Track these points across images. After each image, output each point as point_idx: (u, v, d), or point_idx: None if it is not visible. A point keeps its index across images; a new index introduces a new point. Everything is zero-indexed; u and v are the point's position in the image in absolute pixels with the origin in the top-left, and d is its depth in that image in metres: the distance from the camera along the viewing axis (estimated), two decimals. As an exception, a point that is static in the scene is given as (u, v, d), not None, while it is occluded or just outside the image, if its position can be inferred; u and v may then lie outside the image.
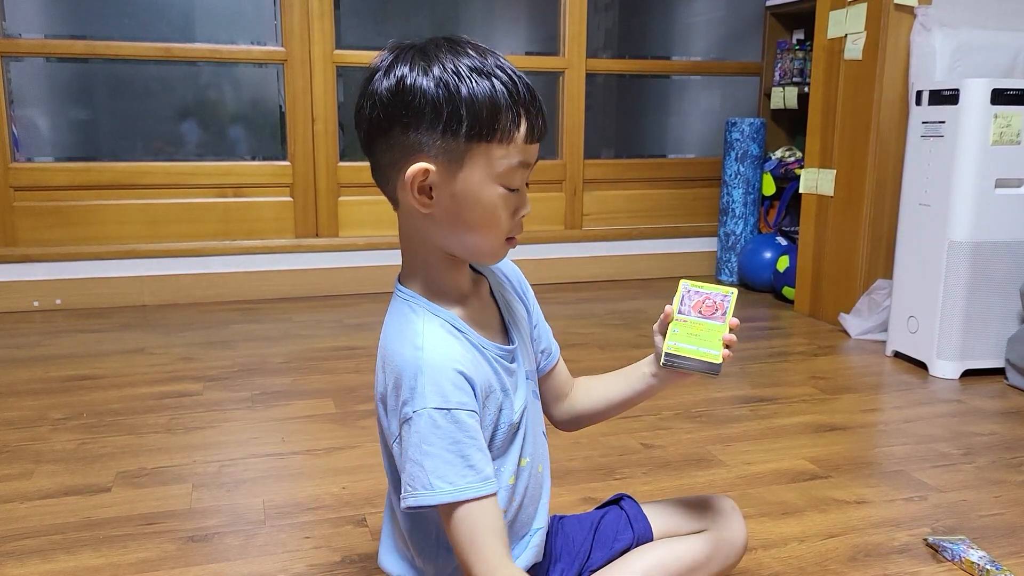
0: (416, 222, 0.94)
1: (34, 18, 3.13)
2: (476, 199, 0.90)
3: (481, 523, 0.88)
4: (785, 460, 1.83)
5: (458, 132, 0.87)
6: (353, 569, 1.37)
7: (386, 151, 0.92)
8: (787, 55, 3.74)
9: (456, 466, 0.87)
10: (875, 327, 2.81)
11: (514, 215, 0.94)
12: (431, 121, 0.87)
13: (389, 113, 0.89)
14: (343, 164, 3.44)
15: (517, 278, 1.13)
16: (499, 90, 0.88)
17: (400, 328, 0.94)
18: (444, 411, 0.87)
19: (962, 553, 1.38)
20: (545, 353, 1.14)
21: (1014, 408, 2.20)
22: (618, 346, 2.75)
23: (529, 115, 0.90)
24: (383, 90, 0.89)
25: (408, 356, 0.90)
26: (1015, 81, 2.35)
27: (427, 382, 0.88)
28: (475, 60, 0.88)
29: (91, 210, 3.20)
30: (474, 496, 0.88)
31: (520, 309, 1.09)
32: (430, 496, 0.87)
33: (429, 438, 0.87)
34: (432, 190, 0.90)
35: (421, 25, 3.59)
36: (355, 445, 1.89)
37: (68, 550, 1.42)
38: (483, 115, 0.87)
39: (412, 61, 0.89)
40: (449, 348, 0.91)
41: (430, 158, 0.89)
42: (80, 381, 2.33)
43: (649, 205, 3.89)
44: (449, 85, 0.86)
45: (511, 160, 0.90)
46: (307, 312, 3.18)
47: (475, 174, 0.89)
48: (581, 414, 1.17)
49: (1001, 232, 2.38)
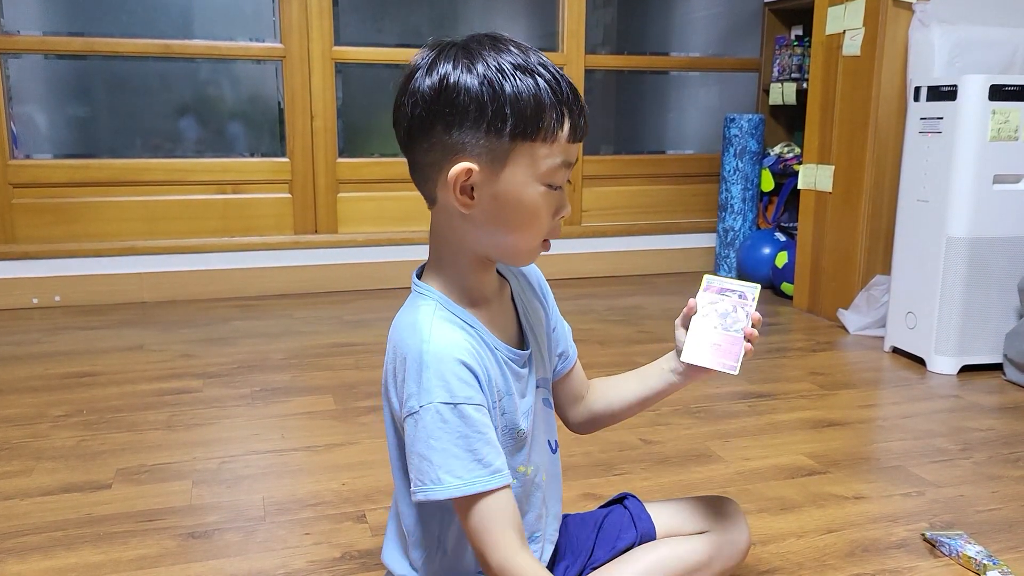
0: (453, 222, 0.93)
1: (32, 15, 3.13)
2: (518, 199, 0.90)
3: (494, 515, 0.88)
4: (783, 456, 1.83)
5: (502, 131, 0.86)
6: (353, 565, 1.37)
7: (427, 150, 0.90)
8: (786, 51, 3.74)
9: (464, 460, 0.87)
10: (873, 323, 2.82)
11: (554, 215, 0.93)
12: (475, 120, 0.86)
13: (432, 111, 0.87)
14: (342, 160, 3.44)
15: (538, 279, 1.12)
16: (543, 88, 0.87)
17: (409, 320, 0.94)
18: (450, 406, 0.87)
19: (960, 548, 1.39)
20: (563, 357, 1.14)
21: (1012, 403, 2.21)
22: (617, 342, 2.75)
23: (572, 114, 0.89)
24: (426, 88, 0.87)
25: (413, 348, 0.90)
26: (1013, 77, 2.35)
27: (432, 376, 0.88)
28: (518, 57, 0.87)
29: (90, 207, 3.20)
30: (484, 490, 0.87)
31: (539, 312, 1.09)
32: (439, 490, 0.87)
33: (436, 433, 0.87)
34: (474, 190, 0.89)
35: (420, 22, 3.59)
36: (355, 441, 1.89)
37: (69, 547, 1.42)
38: (527, 113, 0.86)
39: (455, 59, 0.87)
40: (454, 340, 0.91)
41: (473, 157, 0.88)
42: (80, 378, 2.33)
43: (648, 201, 3.89)
44: (494, 83, 0.85)
45: (554, 159, 0.89)
46: (307, 308, 3.18)
47: (518, 174, 0.88)
48: (598, 415, 1.16)
49: (999, 228, 2.38)
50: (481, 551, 0.89)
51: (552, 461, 1.07)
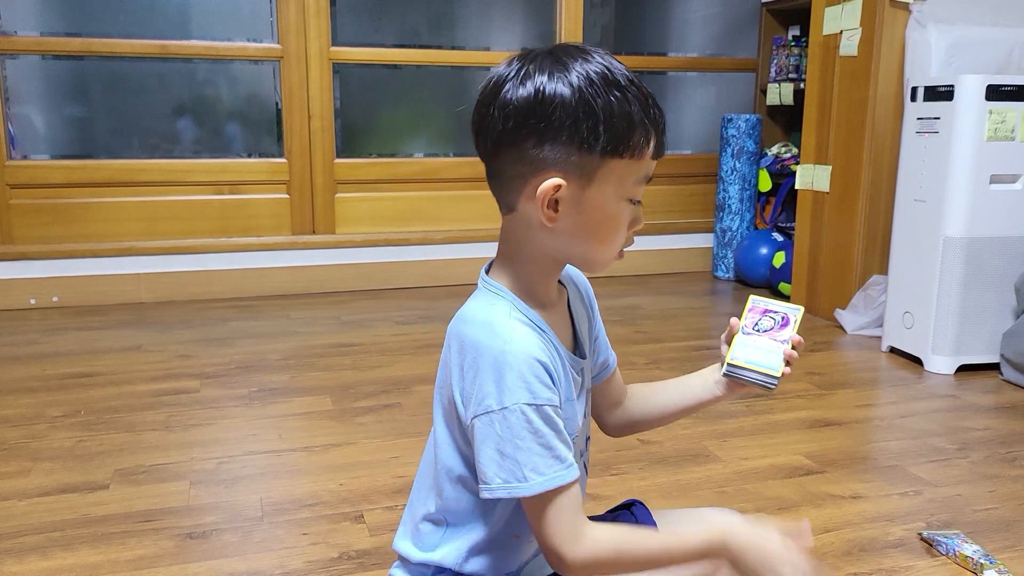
0: (532, 232, 0.92)
1: (30, 15, 3.12)
2: (604, 214, 0.90)
3: (565, 506, 0.90)
4: (781, 455, 1.83)
5: (594, 147, 0.86)
6: (350, 565, 1.37)
7: (515, 163, 0.89)
8: (783, 51, 3.75)
9: (545, 457, 0.89)
10: (871, 323, 2.82)
11: (631, 227, 0.94)
12: (569, 135, 0.86)
13: (525, 124, 0.86)
14: (339, 161, 3.44)
15: (586, 288, 1.13)
16: (634, 106, 0.87)
17: (485, 318, 0.93)
18: (534, 407, 0.88)
19: (956, 547, 1.39)
20: (603, 364, 1.15)
21: (1009, 403, 2.21)
22: (615, 342, 2.73)
23: (658, 131, 0.90)
24: (518, 99, 0.86)
25: (492, 347, 0.90)
26: (1010, 77, 2.36)
27: (515, 377, 0.88)
28: (608, 72, 0.87)
29: (88, 207, 3.20)
30: (561, 484, 0.89)
31: (586, 321, 1.10)
32: (524, 488, 0.89)
33: (521, 433, 0.88)
34: (559, 203, 0.89)
35: (417, 22, 3.59)
36: (352, 442, 1.89)
37: (66, 547, 1.42)
38: (619, 131, 0.86)
39: (549, 70, 0.86)
40: (533, 340, 0.91)
41: (562, 172, 0.87)
42: (77, 379, 2.33)
43: (645, 201, 3.81)
44: (590, 100, 0.85)
45: (638, 175, 0.90)
46: (304, 309, 3.18)
47: (605, 189, 0.89)
48: (636, 421, 1.17)
49: (996, 228, 2.39)
50: (549, 541, 0.91)
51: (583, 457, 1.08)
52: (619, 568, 0.93)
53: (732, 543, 0.94)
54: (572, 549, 0.90)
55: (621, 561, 0.92)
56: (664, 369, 2.51)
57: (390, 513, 1.55)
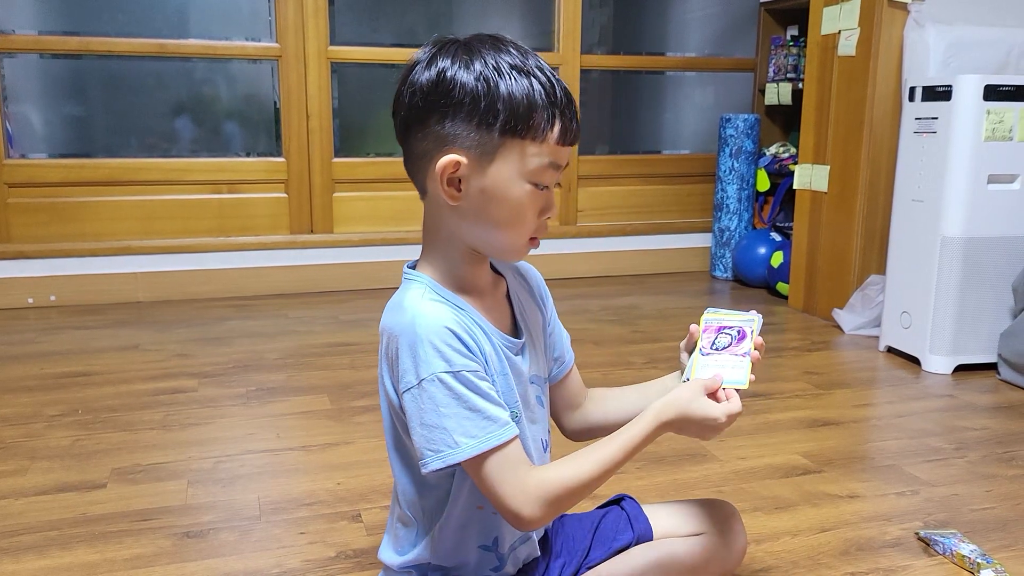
0: (443, 213, 0.96)
1: (28, 14, 3.12)
2: (504, 194, 0.93)
3: (506, 464, 0.92)
4: (778, 455, 1.84)
5: (493, 126, 0.90)
6: (348, 564, 1.37)
7: (420, 140, 0.93)
8: (781, 51, 3.75)
9: (475, 420, 0.90)
10: (868, 322, 2.82)
11: (540, 215, 0.96)
12: (468, 113, 0.90)
13: (428, 103, 0.91)
14: (337, 160, 3.44)
15: (538, 283, 1.14)
16: (536, 89, 0.90)
17: (399, 302, 0.97)
18: (451, 374, 0.90)
19: (953, 547, 1.39)
20: (558, 361, 1.15)
21: (1006, 403, 2.21)
22: (612, 342, 2.76)
23: (564, 117, 0.93)
24: (424, 80, 0.91)
25: (404, 325, 0.92)
26: (1008, 77, 2.36)
27: (428, 348, 0.90)
28: (516, 58, 0.91)
29: (85, 206, 3.20)
30: (497, 444, 0.91)
31: (536, 315, 1.11)
32: (457, 453, 0.90)
33: (443, 400, 0.90)
34: (461, 182, 0.92)
35: (415, 21, 3.59)
36: (350, 441, 1.89)
37: (63, 546, 1.42)
38: (519, 111, 0.89)
39: (455, 55, 0.91)
40: (442, 312, 0.93)
41: (463, 150, 0.91)
42: (75, 378, 2.33)
43: (643, 201, 3.90)
44: (489, 80, 0.89)
45: (542, 159, 0.92)
46: (302, 308, 3.18)
47: (506, 169, 0.92)
48: (594, 426, 1.17)
49: (994, 228, 2.39)
50: (498, 500, 0.92)
51: (542, 460, 1.08)
52: (579, 495, 0.95)
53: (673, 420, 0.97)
54: (525, 502, 0.91)
55: (577, 488, 0.94)
56: (661, 369, 2.51)
57: (387, 512, 1.55)
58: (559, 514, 0.96)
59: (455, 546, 1.02)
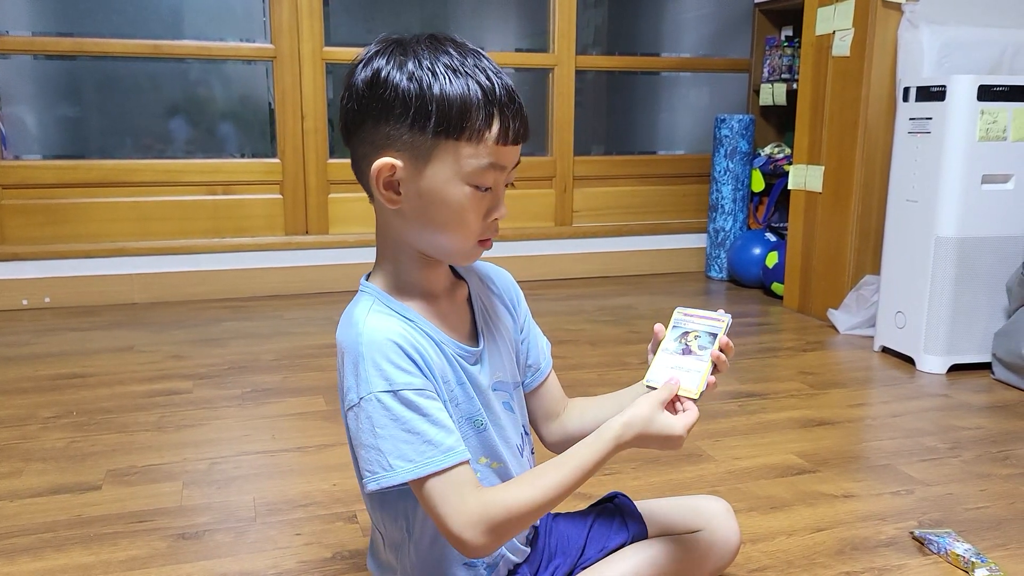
0: (388, 217, 0.95)
1: (21, 15, 3.11)
2: (442, 198, 0.90)
3: (449, 487, 0.88)
4: (773, 455, 1.84)
5: (426, 127, 0.87)
6: (343, 565, 1.37)
7: (361, 143, 0.92)
8: (776, 52, 3.76)
9: (414, 444, 0.87)
10: (863, 322, 2.83)
11: (486, 217, 0.93)
12: (400, 115, 0.88)
13: (363, 105, 0.90)
14: (332, 161, 3.44)
15: (507, 287, 1.12)
16: (472, 89, 0.88)
17: (348, 316, 0.95)
18: (391, 393, 0.88)
19: (948, 546, 1.39)
20: (532, 369, 1.13)
21: (1000, 402, 2.22)
22: (608, 342, 2.76)
23: (503, 116, 0.89)
24: (360, 82, 0.90)
25: (350, 341, 0.91)
26: (1002, 77, 2.37)
27: (368, 366, 0.88)
28: (454, 59, 0.89)
29: (80, 208, 3.19)
30: (437, 469, 0.87)
31: (506, 319, 1.08)
32: (391, 476, 0.87)
33: (380, 421, 0.88)
34: (399, 186, 0.91)
35: (410, 22, 3.59)
36: (345, 442, 1.88)
37: (58, 548, 1.42)
38: (452, 112, 0.87)
39: (390, 55, 0.89)
40: (387, 326, 0.91)
41: (398, 153, 0.89)
42: (70, 379, 2.32)
43: (639, 201, 3.90)
44: (421, 81, 0.87)
45: (480, 160, 0.89)
46: (297, 309, 3.18)
47: (442, 171, 0.89)
48: (572, 435, 1.14)
49: (988, 228, 2.40)
50: (442, 524, 0.88)
51: (520, 464, 1.06)
52: (527, 520, 0.91)
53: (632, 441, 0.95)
54: (466, 526, 0.87)
55: (523, 514, 0.90)
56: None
57: (383, 513, 1.55)
58: (507, 539, 0.91)
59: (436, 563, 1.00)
